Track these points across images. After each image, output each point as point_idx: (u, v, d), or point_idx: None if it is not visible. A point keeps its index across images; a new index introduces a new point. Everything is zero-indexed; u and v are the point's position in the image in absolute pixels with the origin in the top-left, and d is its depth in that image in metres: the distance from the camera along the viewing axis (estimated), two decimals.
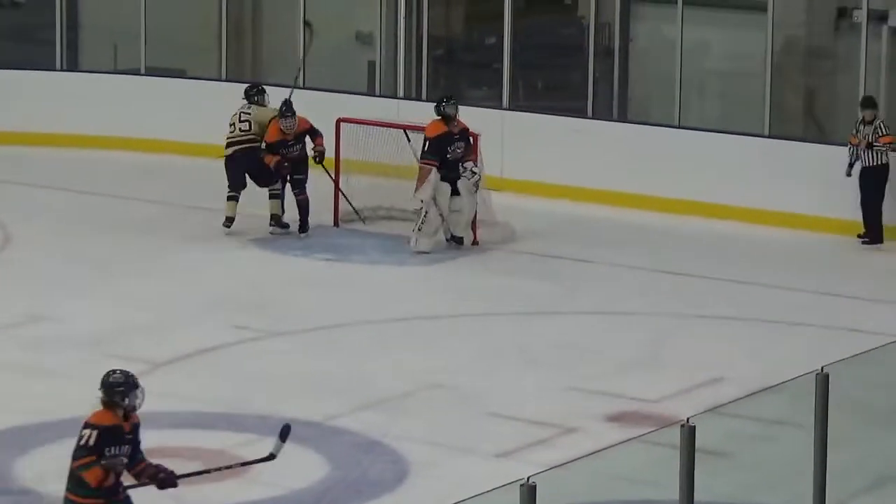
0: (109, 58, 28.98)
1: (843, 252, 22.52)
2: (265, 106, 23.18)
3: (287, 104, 22.69)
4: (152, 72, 27.80)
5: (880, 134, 22.29)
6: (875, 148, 22.24)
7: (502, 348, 19.05)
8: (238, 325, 19.59)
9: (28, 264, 22.04)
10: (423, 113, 23.55)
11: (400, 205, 23.56)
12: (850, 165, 22.52)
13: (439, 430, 16.48)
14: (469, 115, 23.62)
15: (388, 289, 21.47)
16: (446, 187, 22.56)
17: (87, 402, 17.02)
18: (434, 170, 22.45)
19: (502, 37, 26.31)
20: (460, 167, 22.58)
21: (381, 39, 27.76)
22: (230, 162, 23.09)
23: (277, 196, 23.13)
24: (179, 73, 27.76)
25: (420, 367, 18.32)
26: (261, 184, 23.14)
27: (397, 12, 27.57)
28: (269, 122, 22.85)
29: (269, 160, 22.75)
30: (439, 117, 22.65)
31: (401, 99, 26.64)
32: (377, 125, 23.74)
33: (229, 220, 22.98)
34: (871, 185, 22.49)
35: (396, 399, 17.30)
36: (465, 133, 22.79)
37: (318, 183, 23.54)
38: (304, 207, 23.06)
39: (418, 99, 26.46)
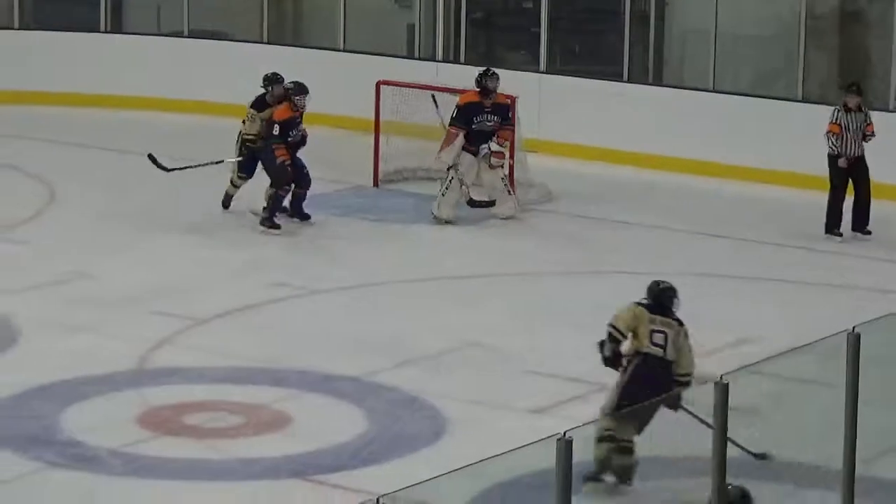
0: (153, 20, 28.95)
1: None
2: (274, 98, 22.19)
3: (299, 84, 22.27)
4: (195, 34, 27.78)
5: (868, 121, 21.88)
6: (861, 137, 21.77)
7: (539, 307, 19.08)
8: (278, 283, 19.63)
9: (72, 223, 22.05)
10: (462, 76, 23.57)
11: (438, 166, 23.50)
12: (838, 156, 21.84)
13: (476, 387, 16.51)
14: (507, 79, 23.56)
15: (426, 248, 21.46)
16: (469, 157, 22.53)
17: (129, 356, 17.18)
18: (461, 136, 22.47)
19: (539, 0, 26.24)
20: (485, 143, 22.50)
21: (421, 2, 27.74)
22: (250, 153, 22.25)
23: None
24: (222, 36, 27.71)
25: (459, 325, 18.35)
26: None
27: None
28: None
29: (280, 154, 21.86)
30: (478, 88, 22.61)
31: (440, 62, 26.63)
32: (417, 87, 23.72)
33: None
34: (848, 176, 21.98)
35: (435, 356, 17.32)
36: (499, 108, 22.70)
37: (353, 146, 23.60)
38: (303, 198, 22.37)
39: (457, 62, 26.44)
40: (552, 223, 22.49)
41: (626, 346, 14.52)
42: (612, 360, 14.55)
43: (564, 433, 8.69)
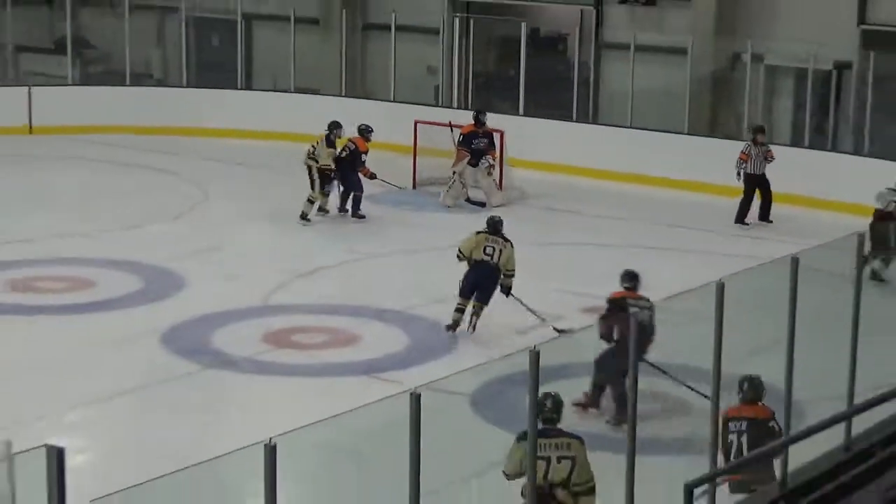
0: (271, 81, 29.00)
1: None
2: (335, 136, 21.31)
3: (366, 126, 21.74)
4: (299, 90, 27.76)
5: (769, 149, 21.57)
6: (764, 161, 21.40)
7: (519, 263, 19.02)
8: (352, 250, 19.61)
9: (220, 212, 22.05)
10: (469, 118, 23.57)
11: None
12: (738, 174, 21.53)
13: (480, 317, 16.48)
14: (498, 119, 23.66)
15: (450, 228, 21.36)
16: (471, 169, 22.51)
17: (255, 297, 17.18)
18: (467, 155, 22.47)
19: (519, 70, 26.22)
20: (482, 158, 22.50)
21: (443, 71, 27.73)
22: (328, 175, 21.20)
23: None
24: (315, 91, 27.69)
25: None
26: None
27: (452, 54, 27.58)
28: (357, 138, 21.47)
29: (364, 171, 21.42)
30: (474, 122, 22.70)
31: (454, 108, 26.57)
32: (440, 125, 23.71)
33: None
34: (754, 188, 21.59)
35: (451, 296, 17.26)
36: (489, 134, 22.76)
37: (399, 163, 23.54)
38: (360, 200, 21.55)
39: (466, 109, 26.39)
40: (526, 212, 22.44)
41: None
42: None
43: (535, 346, 8.68)
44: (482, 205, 22.41)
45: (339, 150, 21.39)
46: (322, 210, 21.34)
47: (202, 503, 9.88)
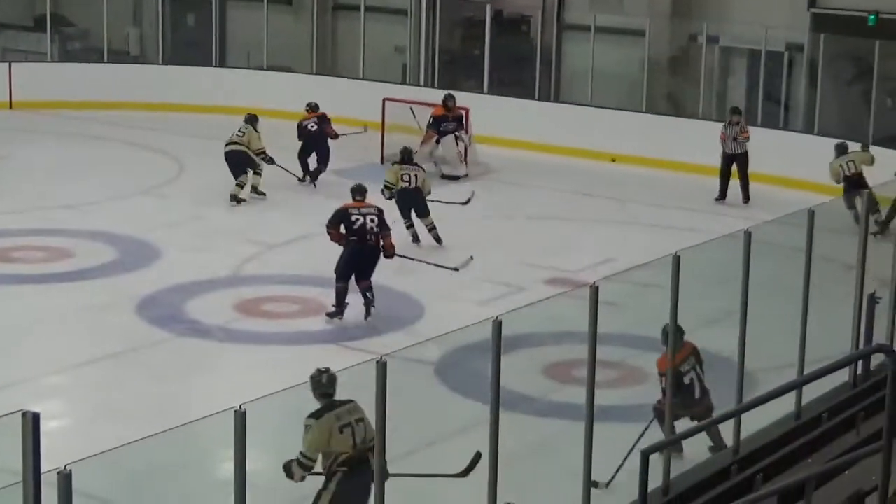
0: (245, 58, 28.78)
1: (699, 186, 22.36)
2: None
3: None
4: (272, 67, 27.58)
5: (743, 130, 21.43)
6: (738, 140, 21.34)
7: (483, 236, 19.00)
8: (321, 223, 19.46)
9: (195, 185, 21.89)
10: (436, 96, 23.49)
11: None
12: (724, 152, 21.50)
13: (443, 287, 16.42)
14: (464, 98, 23.61)
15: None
16: (439, 148, 22.63)
17: (227, 267, 17.06)
18: (434, 136, 22.51)
19: (484, 50, 26.13)
20: (454, 137, 22.56)
21: (410, 50, 27.59)
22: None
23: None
24: (288, 69, 27.52)
25: (431, 248, 18.21)
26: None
27: (420, 34, 27.44)
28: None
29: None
30: (443, 106, 22.68)
31: (421, 87, 26.47)
32: (407, 102, 23.60)
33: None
34: (729, 165, 21.43)
35: (417, 267, 17.14)
36: (458, 118, 22.79)
37: (368, 138, 23.43)
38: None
39: (433, 87, 26.31)
40: (491, 186, 22.38)
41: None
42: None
43: (497, 317, 8.62)
44: (456, 178, 22.39)
45: (306, 123, 21.78)
46: (258, 192, 20.79)
47: (175, 467, 9.81)
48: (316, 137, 21.70)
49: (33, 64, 28.22)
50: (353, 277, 15.39)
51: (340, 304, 15.23)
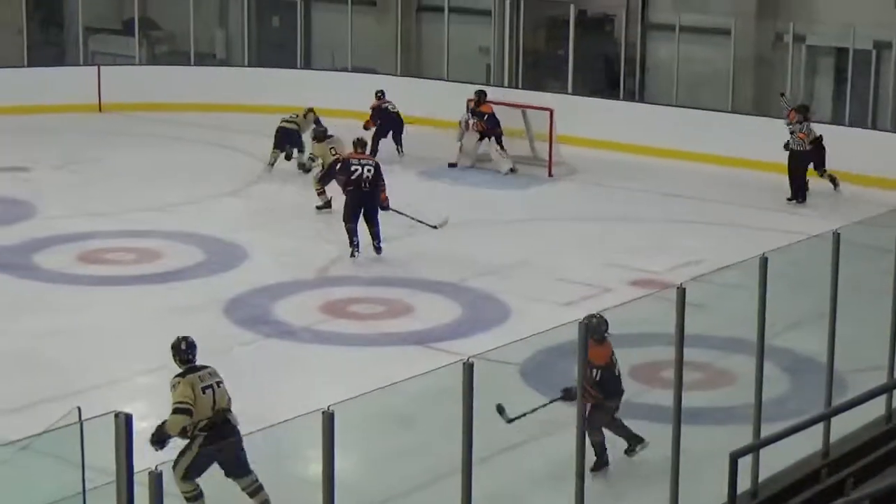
0: (329, 60, 28.91)
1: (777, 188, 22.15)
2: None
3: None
4: (356, 69, 27.70)
5: (800, 131, 21.13)
6: (794, 139, 21.13)
7: (568, 237, 18.98)
8: (409, 223, 19.51)
9: (279, 188, 21.98)
10: (520, 97, 23.48)
11: (514, 153, 23.38)
12: (785, 145, 21.36)
13: (528, 288, 16.39)
14: (548, 98, 23.74)
15: (500, 203, 21.31)
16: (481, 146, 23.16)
17: (314, 269, 17.14)
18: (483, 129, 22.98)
19: (568, 50, 26.07)
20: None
21: (494, 51, 27.57)
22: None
23: None
24: (372, 71, 27.60)
25: (516, 249, 18.24)
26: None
27: (504, 35, 27.42)
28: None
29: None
30: (485, 102, 23.06)
31: (506, 87, 26.45)
32: (493, 104, 23.49)
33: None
34: (796, 163, 21.31)
35: (501, 268, 17.22)
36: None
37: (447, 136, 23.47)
38: None
39: (517, 87, 26.31)
40: (575, 187, 22.35)
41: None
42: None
43: (584, 318, 8.60)
44: (454, 165, 23.02)
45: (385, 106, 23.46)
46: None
47: (262, 469, 9.86)
48: (395, 119, 23.26)
49: (121, 67, 28.57)
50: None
51: (352, 241, 17.57)
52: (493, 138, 22.97)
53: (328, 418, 6.94)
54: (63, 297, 15.94)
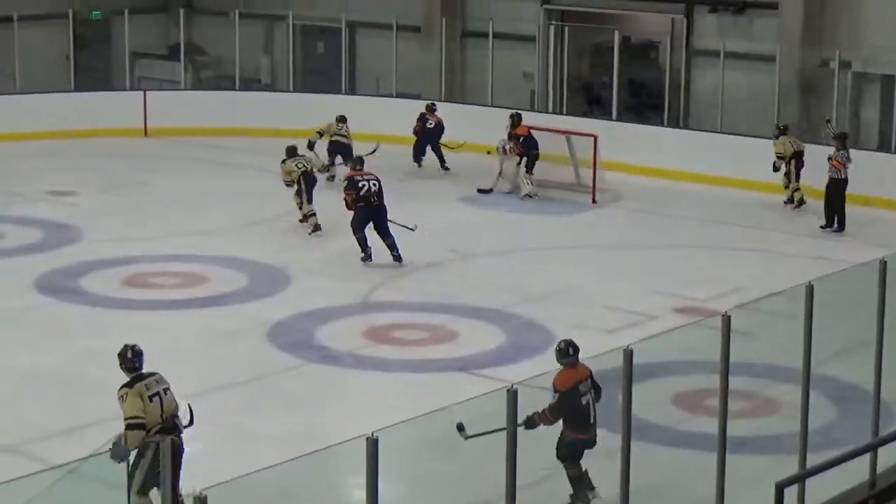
0: (374, 87, 29.03)
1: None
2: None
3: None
4: (401, 95, 27.78)
5: (834, 158, 20.86)
6: (831, 166, 20.99)
7: (609, 266, 18.92)
8: (452, 249, 19.54)
9: (322, 213, 22.03)
10: (564, 123, 23.44)
11: (557, 179, 23.36)
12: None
13: (572, 315, 16.35)
14: (593, 124, 23.78)
15: (543, 230, 21.25)
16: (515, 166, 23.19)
17: (357, 294, 17.15)
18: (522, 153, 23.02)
19: (612, 76, 26.06)
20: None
21: (539, 77, 27.58)
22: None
23: None
24: (416, 97, 27.63)
25: (560, 276, 18.20)
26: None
27: (548, 60, 27.44)
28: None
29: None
30: (521, 125, 23.16)
31: (550, 113, 26.44)
32: (536, 129, 23.48)
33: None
34: (833, 190, 21.11)
35: (545, 295, 17.18)
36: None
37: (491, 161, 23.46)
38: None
39: (561, 113, 26.31)
40: (619, 213, 22.29)
41: None
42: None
43: (628, 346, 8.58)
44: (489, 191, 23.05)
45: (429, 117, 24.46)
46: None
47: (306, 494, 9.87)
48: (435, 133, 24.14)
49: (167, 92, 28.74)
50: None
51: (365, 248, 18.40)
52: (524, 159, 22.95)
53: (372, 444, 6.94)
54: (108, 321, 16.02)
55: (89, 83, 28.54)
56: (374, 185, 18.55)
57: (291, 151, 20.77)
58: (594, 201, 22.68)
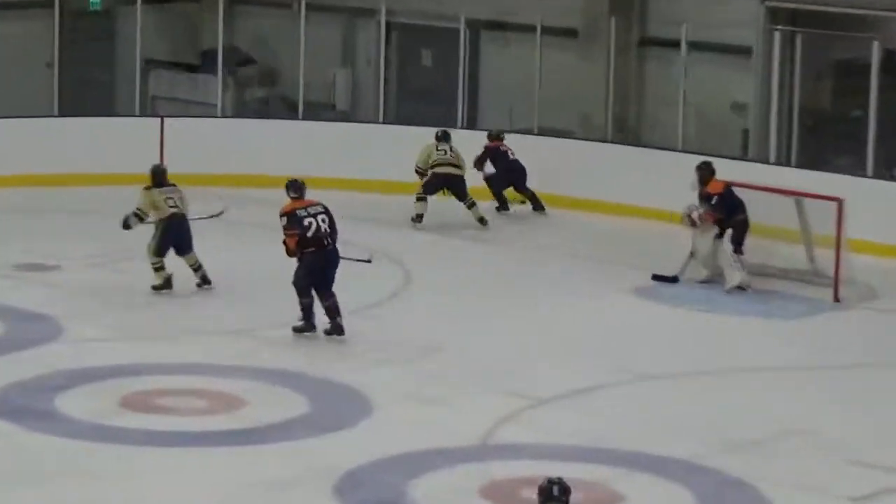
0: (506, 118, 29.02)
1: None
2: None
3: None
4: (543, 132, 27.82)
5: None
6: None
7: (857, 397, 18.68)
8: (621, 367, 19.42)
9: (426, 301, 22.04)
10: (793, 179, 23.34)
11: (781, 264, 23.45)
12: None
13: (801, 471, 16.18)
14: (837, 180, 24.08)
15: (757, 343, 21.06)
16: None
17: (470, 430, 17.07)
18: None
19: (868, 109, 25.89)
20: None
21: (755, 108, 27.51)
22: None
23: None
24: (568, 134, 27.68)
25: (783, 413, 18.02)
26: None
27: (769, 85, 27.33)
28: None
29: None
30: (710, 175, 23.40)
31: (771, 164, 26.31)
32: (748, 187, 23.34)
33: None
34: None
35: (759, 442, 16.99)
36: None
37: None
38: None
39: (787, 165, 26.17)
40: (872, 317, 22.06)
41: None
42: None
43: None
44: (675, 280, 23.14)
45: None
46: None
47: None
48: (514, 166, 26.43)
49: (195, 119, 29.08)
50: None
51: (309, 318, 19.69)
52: (728, 231, 22.80)
53: None
54: (97, 462, 16.05)
55: (80, 104, 28.88)
56: (324, 220, 19.49)
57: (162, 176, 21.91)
58: (836, 300, 22.56)
